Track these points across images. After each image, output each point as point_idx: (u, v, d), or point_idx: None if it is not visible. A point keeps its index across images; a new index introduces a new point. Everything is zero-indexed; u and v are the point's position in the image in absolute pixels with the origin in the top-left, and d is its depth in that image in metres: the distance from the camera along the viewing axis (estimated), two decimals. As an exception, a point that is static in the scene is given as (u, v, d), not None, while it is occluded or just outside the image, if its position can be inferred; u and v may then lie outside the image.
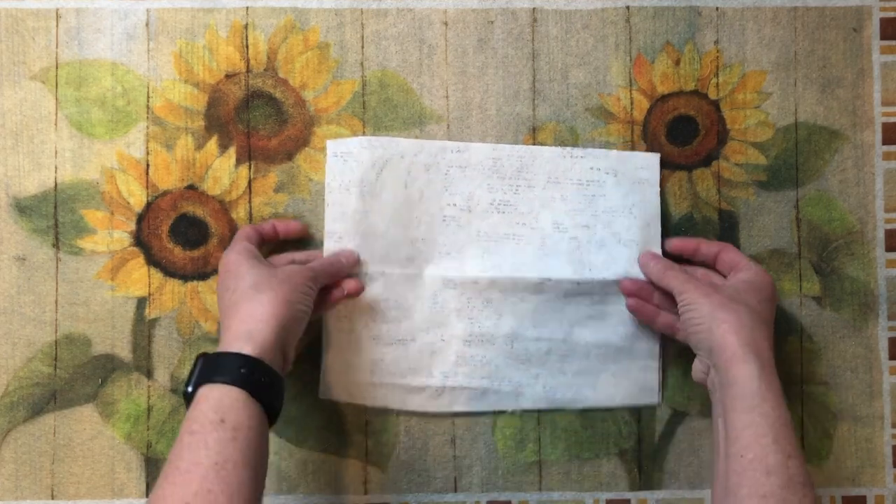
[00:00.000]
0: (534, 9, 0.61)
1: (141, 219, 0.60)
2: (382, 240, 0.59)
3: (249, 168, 0.60)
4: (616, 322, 0.59)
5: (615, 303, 0.59)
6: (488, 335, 0.59)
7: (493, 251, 0.59)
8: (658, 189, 0.60)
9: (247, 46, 0.60)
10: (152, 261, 0.60)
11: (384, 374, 0.59)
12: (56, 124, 0.60)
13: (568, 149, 0.60)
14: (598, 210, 0.60)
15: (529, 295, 0.59)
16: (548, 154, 0.60)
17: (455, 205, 0.60)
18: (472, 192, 0.60)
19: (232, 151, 0.60)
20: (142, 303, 0.60)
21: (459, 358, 0.59)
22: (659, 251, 0.59)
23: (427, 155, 0.60)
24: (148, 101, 0.60)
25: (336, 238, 0.59)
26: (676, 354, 0.60)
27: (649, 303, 0.57)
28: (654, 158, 0.60)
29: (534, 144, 0.61)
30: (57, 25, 0.60)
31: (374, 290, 0.59)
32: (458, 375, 0.59)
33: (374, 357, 0.59)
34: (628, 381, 0.60)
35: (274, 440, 0.60)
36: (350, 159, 0.59)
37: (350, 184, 0.59)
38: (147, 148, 0.60)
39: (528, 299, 0.59)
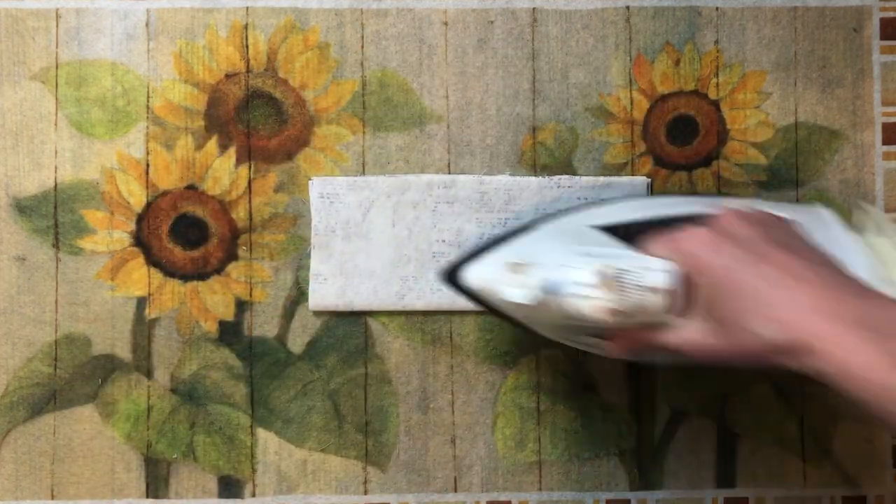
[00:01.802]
0: (534, 9, 0.61)
1: (141, 219, 0.60)
2: (371, 280, 0.59)
3: (249, 168, 0.60)
4: None
5: None
6: None
7: None
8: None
9: (247, 46, 0.60)
10: (152, 261, 0.60)
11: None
12: (56, 124, 0.60)
13: (555, 178, 0.60)
14: None
15: None
16: (535, 185, 0.60)
17: (444, 241, 0.60)
18: (461, 227, 0.60)
19: (232, 151, 0.60)
20: (142, 303, 0.60)
21: None
22: None
23: (414, 192, 0.60)
24: (148, 101, 0.60)
25: (321, 280, 0.59)
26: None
27: None
28: (642, 184, 0.60)
29: (533, 144, 0.61)
30: (57, 25, 0.60)
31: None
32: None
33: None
34: None
35: (274, 440, 0.60)
36: (336, 201, 0.59)
37: (336, 226, 0.59)
38: (147, 148, 0.60)
39: None
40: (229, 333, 0.60)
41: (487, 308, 0.52)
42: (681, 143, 0.61)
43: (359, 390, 0.60)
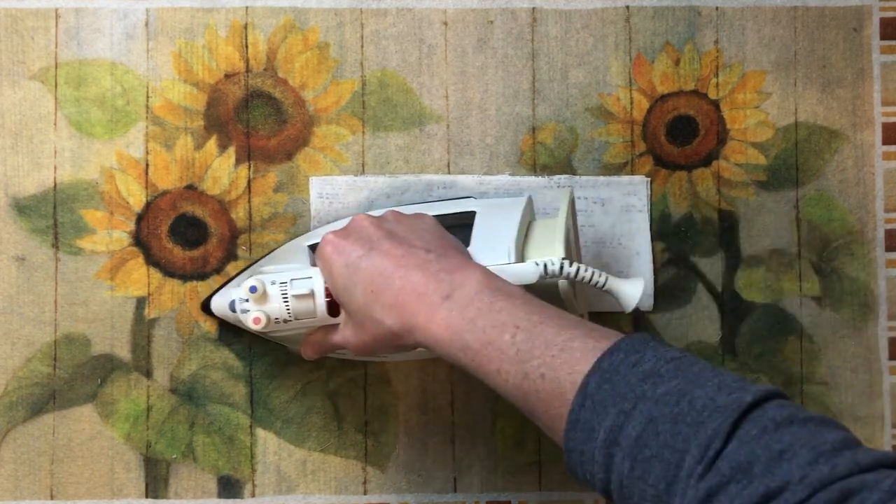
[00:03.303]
0: (533, 9, 0.61)
1: (140, 219, 0.60)
2: None
3: (249, 168, 0.60)
4: None
5: None
6: None
7: None
8: (647, 214, 0.60)
9: (246, 46, 0.60)
10: (152, 261, 0.60)
11: None
12: (55, 124, 0.60)
13: (555, 178, 0.60)
14: (587, 241, 0.59)
15: None
16: (534, 185, 0.60)
17: None
18: None
19: (231, 151, 0.60)
20: (141, 303, 0.60)
21: None
22: (651, 281, 0.59)
23: (414, 193, 0.60)
24: (147, 101, 0.60)
25: None
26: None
27: None
28: (641, 183, 0.60)
29: (533, 144, 0.61)
30: (56, 25, 0.60)
31: None
32: None
33: None
34: None
35: (273, 440, 0.60)
36: (335, 201, 0.59)
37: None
38: (146, 148, 0.60)
39: None
40: (229, 333, 0.60)
41: (243, 331, 0.57)
42: (681, 143, 0.61)
43: (358, 390, 0.60)
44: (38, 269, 0.60)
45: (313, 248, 0.55)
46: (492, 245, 0.50)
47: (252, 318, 0.49)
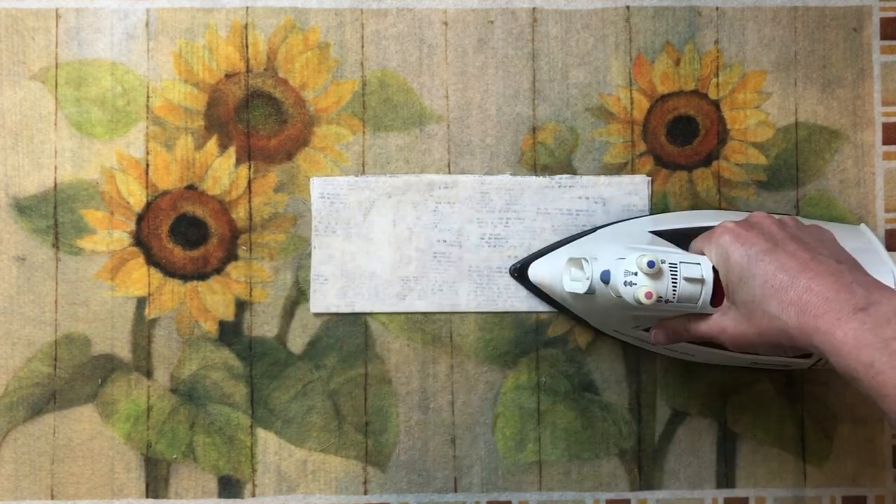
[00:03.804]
0: (534, 9, 0.61)
1: (141, 219, 0.60)
2: (371, 280, 0.59)
3: (249, 168, 0.60)
4: None
5: None
6: None
7: (486, 286, 0.59)
8: (648, 215, 0.60)
9: (247, 46, 0.60)
10: (152, 261, 0.60)
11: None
12: (56, 124, 0.60)
13: (556, 178, 0.60)
14: None
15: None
16: (535, 184, 0.60)
17: (445, 241, 0.60)
18: (462, 227, 0.60)
19: (232, 151, 0.60)
20: (141, 303, 0.60)
21: None
22: None
23: (415, 192, 0.60)
24: (148, 101, 0.60)
25: (322, 281, 0.59)
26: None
27: None
28: (643, 182, 0.60)
29: (533, 144, 0.61)
30: (57, 25, 0.60)
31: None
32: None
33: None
34: None
35: (274, 440, 0.60)
36: (336, 201, 0.59)
37: (336, 226, 0.59)
38: (147, 148, 0.60)
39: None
40: (229, 333, 0.60)
41: (550, 302, 0.59)
42: (681, 143, 0.61)
43: (359, 390, 0.60)
44: (38, 269, 0.60)
45: (657, 234, 0.56)
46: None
47: (644, 292, 0.49)
